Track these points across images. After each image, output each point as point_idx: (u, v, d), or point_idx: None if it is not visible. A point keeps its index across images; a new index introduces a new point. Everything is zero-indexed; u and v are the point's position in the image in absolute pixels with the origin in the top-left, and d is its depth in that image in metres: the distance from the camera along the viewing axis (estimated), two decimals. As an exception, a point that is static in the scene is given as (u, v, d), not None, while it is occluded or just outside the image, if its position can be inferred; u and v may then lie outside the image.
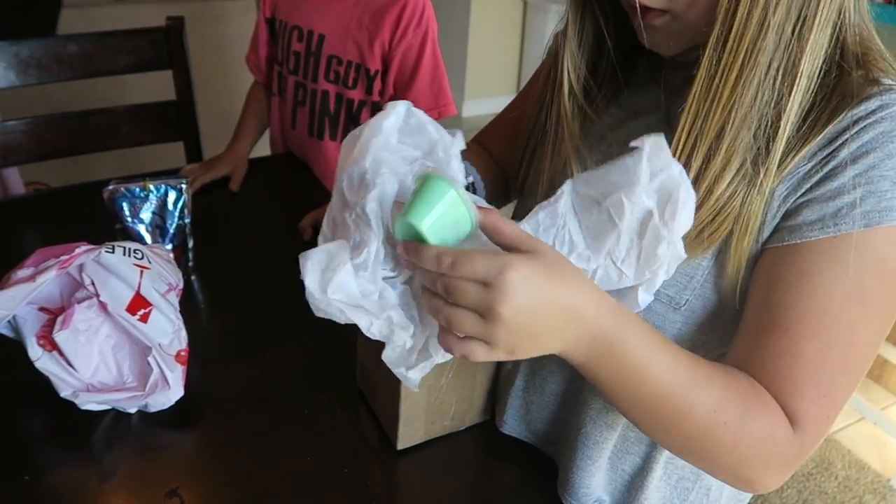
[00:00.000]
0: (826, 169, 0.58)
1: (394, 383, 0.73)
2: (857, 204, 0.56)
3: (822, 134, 0.58)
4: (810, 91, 0.58)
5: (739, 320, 0.63)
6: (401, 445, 0.77)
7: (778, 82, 0.57)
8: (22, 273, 0.77)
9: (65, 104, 1.33)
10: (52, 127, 1.28)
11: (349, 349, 0.87)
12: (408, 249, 0.51)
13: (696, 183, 0.58)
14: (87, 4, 2.20)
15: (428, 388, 0.74)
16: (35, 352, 0.77)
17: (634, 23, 0.63)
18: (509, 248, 0.51)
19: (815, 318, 0.57)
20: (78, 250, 0.78)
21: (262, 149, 1.56)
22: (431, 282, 0.51)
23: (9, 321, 0.78)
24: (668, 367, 0.55)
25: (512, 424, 0.81)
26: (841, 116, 0.58)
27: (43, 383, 0.79)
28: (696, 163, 0.59)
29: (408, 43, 1.28)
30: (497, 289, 0.48)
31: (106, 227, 1.01)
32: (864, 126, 0.57)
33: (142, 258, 0.82)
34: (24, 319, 0.78)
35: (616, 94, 0.72)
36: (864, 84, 0.59)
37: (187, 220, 1.02)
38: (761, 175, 0.58)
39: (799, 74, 0.57)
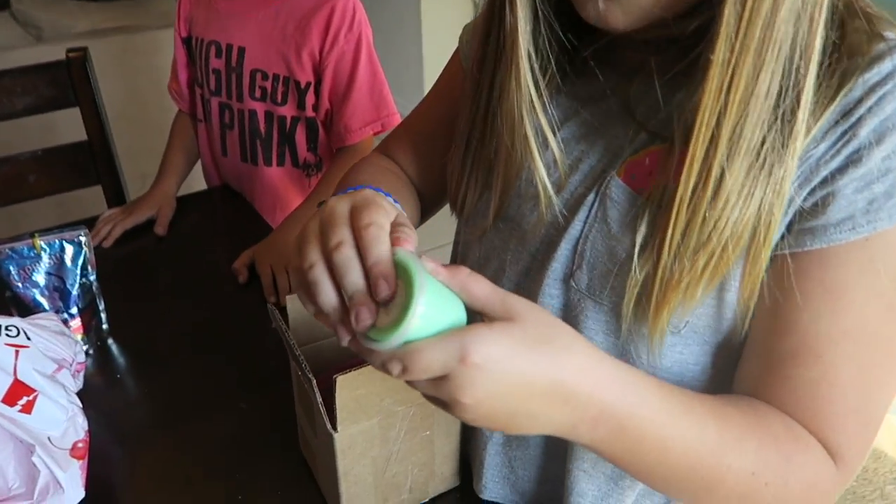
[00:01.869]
0: (847, 151, 0.47)
1: (330, 456, 0.60)
2: (892, 193, 0.46)
3: (833, 106, 0.47)
4: (824, 47, 0.46)
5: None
6: (349, 533, 0.64)
7: (798, 47, 0.45)
8: None
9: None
10: (-52, 184, 1.14)
11: (292, 410, 0.73)
12: (359, 352, 0.42)
13: (714, 198, 0.47)
14: (6, 48, 2.05)
15: (373, 460, 0.61)
16: None
17: None
18: (481, 312, 0.42)
19: (852, 339, 0.48)
20: (-69, 335, 0.63)
21: (199, 183, 1.42)
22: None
23: None
24: (693, 434, 0.46)
25: (494, 488, 0.67)
26: (851, 83, 0.46)
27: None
28: (714, 173, 0.47)
29: (340, 50, 1.15)
30: (455, 379, 0.40)
31: (-1, 296, 0.87)
32: (882, 95, 0.46)
33: (17, 335, 0.67)
34: None
35: (561, 81, 0.59)
36: (868, 39, 0.48)
37: (92, 277, 0.88)
38: (780, 172, 0.46)
39: (817, 30, 0.45)
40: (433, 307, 0.39)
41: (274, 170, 1.24)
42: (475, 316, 0.42)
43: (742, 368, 0.54)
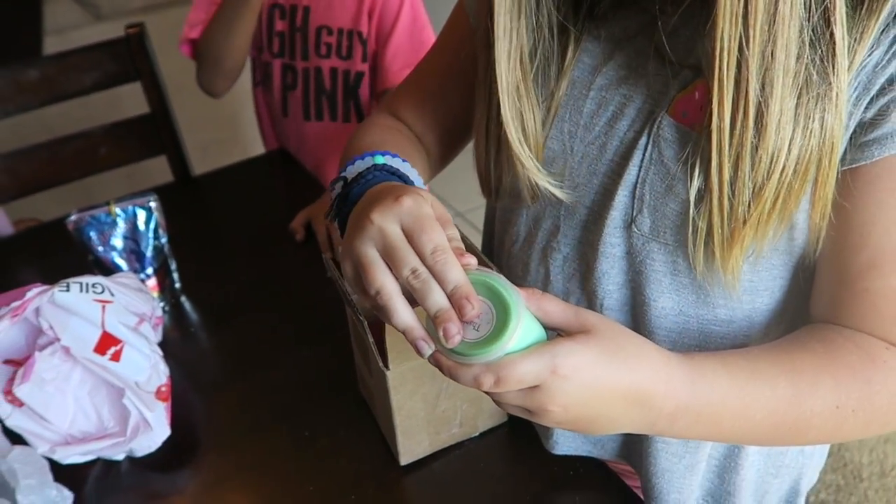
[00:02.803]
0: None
1: (385, 393, 0.65)
2: None
3: (883, 12, 0.45)
4: None
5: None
6: (404, 461, 0.69)
7: None
8: (-25, 327, 0.71)
9: (35, 135, 1.27)
10: (27, 160, 1.22)
11: (351, 354, 0.79)
12: (440, 366, 0.45)
13: (757, 131, 0.47)
14: (67, 28, 2.15)
15: (424, 395, 0.66)
16: (3, 409, 0.71)
17: None
18: (557, 328, 0.46)
19: None
20: (29, 294, 0.71)
21: (255, 147, 1.49)
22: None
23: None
24: (767, 396, 0.49)
25: (565, 442, 0.69)
26: None
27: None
28: (751, 100, 0.46)
29: None
30: (546, 389, 0.43)
31: (82, 259, 0.95)
32: None
33: (102, 292, 0.74)
34: (-14, 376, 0.72)
35: (593, 23, 0.59)
36: None
37: (163, 240, 0.95)
38: (832, 91, 0.45)
39: None
40: (526, 324, 0.43)
41: (339, 125, 1.29)
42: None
43: (817, 288, 0.55)
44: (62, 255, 1.02)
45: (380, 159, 0.58)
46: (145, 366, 0.75)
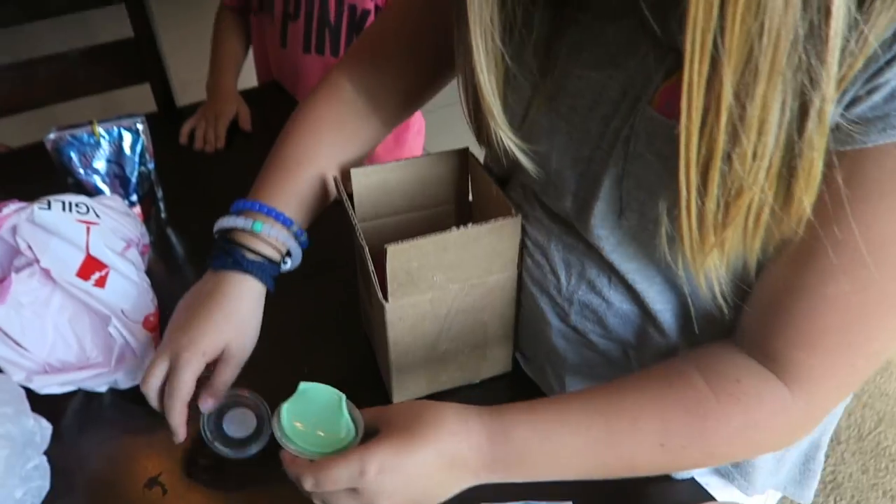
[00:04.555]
0: (889, 54, 0.39)
1: (382, 326, 0.62)
2: None
3: (889, 22, 0.38)
4: None
5: None
6: (397, 399, 0.67)
7: None
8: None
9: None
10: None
11: (355, 290, 0.76)
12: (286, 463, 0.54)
13: (735, 131, 0.40)
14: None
15: (424, 334, 0.63)
16: (-24, 333, 0.67)
17: None
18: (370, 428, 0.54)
19: (877, 247, 0.43)
20: (6, 210, 0.66)
21: (248, 79, 1.42)
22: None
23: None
24: (580, 439, 0.51)
25: None
26: None
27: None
28: (725, 100, 0.39)
29: None
30: (366, 490, 0.49)
31: (61, 184, 0.89)
32: None
33: (87, 212, 0.70)
34: (-41, 297, 0.67)
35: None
36: None
37: (150, 166, 0.90)
38: (821, 89, 0.38)
39: None
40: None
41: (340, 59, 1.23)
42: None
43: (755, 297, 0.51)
44: (37, 181, 0.96)
45: (229, 223, 0.70)
46: (133, 293, 0.71)
